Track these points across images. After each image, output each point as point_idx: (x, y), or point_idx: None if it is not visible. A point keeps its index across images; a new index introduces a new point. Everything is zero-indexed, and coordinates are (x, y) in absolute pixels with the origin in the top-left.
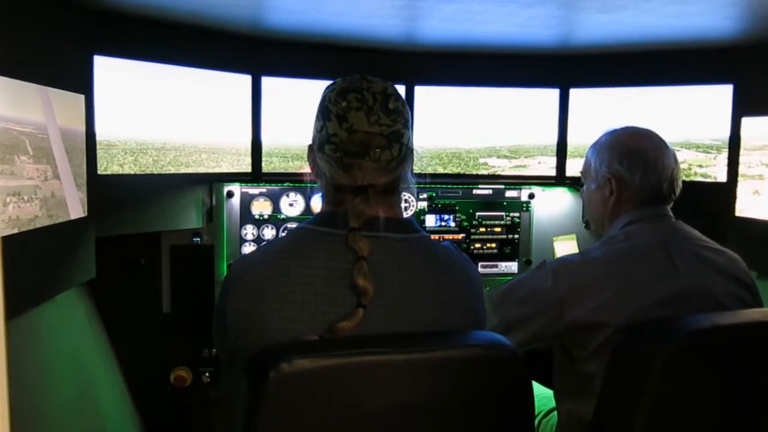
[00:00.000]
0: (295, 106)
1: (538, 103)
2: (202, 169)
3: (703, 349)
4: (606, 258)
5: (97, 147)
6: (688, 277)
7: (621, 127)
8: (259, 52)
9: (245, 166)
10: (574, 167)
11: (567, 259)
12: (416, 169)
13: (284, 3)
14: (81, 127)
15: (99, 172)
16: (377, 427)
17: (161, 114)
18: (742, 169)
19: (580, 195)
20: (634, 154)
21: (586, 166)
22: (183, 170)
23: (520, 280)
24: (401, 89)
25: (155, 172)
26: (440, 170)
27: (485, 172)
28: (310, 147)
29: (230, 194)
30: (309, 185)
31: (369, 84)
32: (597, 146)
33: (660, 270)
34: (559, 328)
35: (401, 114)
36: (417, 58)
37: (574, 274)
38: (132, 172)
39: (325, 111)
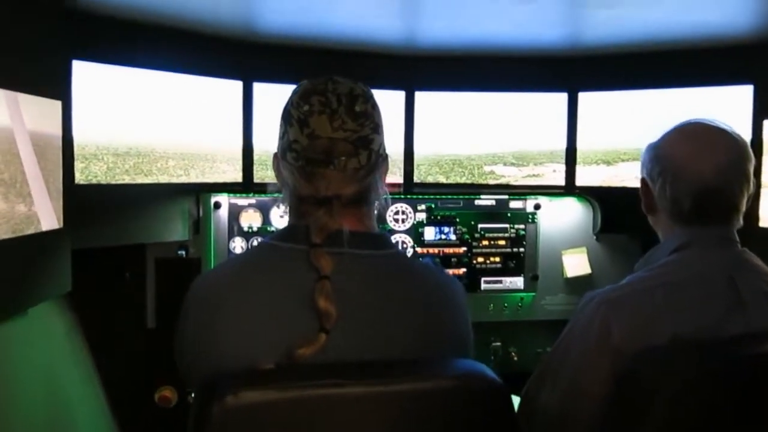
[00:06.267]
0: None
1: (546, 108)
2: (165, 178)
3: (713, 380)
4: (660, 289)
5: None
6: (758, 320)
7: (692, 120)
8: (250, 57)
9: (219, 174)
10: (584, 176)
11: (616, 297)
12: (394, 175)
13: (275, 3)
14: (56, 133)
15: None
16: None
17: (128, 118)
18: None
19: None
20: (662, 156)
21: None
22: (141, 179)
23: (559, 347)
24: (400, 96)
25: (139, 182)
26: (441, 179)
27: (493, 182)
28: (275, 155)
29: (217, 205)
30: (272, 195)
31: (335, 85)
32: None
33: (726, 310)
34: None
35: (370, 118)
36: (416, 62)
37: (626, 314)
38: (105, 182)
39: (287, 115)
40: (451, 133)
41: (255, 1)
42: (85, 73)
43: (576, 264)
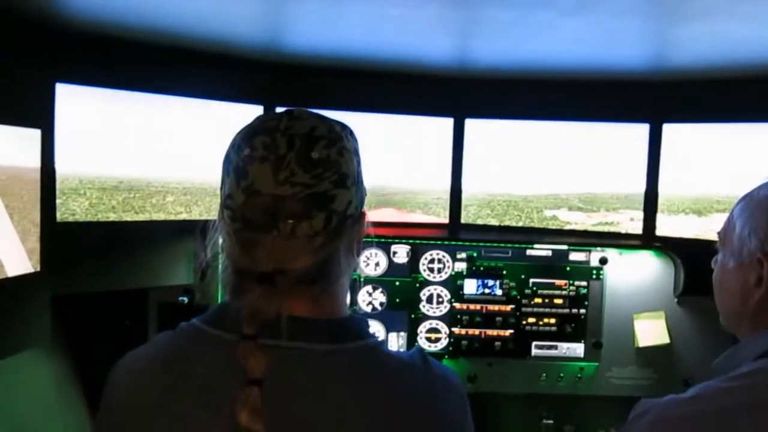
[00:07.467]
0: None
1: (622, 142)
2: (161, 215)
3: None
4: (740, 414)
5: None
6: None
7: None
8: (274, 79)
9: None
10: (667, 226)
11: (676, 418)
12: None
13: (304, 23)
14: (30, 165)
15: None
16: None
17: (120, 148)
18: None
19: (712, 265)
20: None
21: (728, 228)
22: (130, 217)
23: None
24: (448, 124)
25: (128, 219)
26: (492, 223)
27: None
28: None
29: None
30: None
31: (291, 122)
32: (750, 201)
33: None
34: None
35: (333, 167)
36: (467, 85)
37: None
38: (84, 220)
39: (226, 160)
40: (506, 168)
41: (281, 17)
42: (69, 97)
43: (651, 331)
